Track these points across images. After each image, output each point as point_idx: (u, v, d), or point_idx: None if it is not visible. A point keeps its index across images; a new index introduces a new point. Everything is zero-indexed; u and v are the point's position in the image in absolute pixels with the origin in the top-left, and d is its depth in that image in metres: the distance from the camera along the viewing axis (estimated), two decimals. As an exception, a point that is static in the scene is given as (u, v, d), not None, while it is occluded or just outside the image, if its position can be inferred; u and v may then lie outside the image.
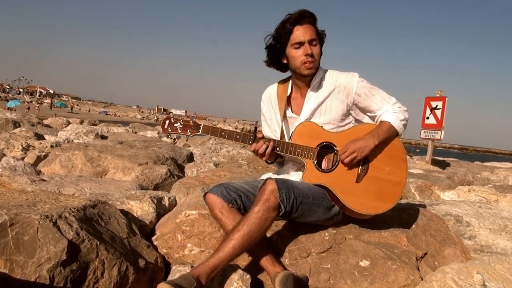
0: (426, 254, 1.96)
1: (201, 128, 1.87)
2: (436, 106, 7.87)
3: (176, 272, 1.68)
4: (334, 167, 1.88)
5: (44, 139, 6.02)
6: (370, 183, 1.88)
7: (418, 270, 1.80)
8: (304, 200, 1.77)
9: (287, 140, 1.94)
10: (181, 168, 4.33)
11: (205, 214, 2.03)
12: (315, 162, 1.87)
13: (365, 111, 2.01)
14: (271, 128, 2.11)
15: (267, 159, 1.93)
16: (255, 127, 1.91)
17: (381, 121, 1.95)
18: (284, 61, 1.98)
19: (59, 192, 2.51)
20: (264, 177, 1.93)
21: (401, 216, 2.22)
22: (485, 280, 1.58)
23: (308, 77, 1.97)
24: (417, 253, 1.92)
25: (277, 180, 1.72)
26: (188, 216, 2.05)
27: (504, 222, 2.39)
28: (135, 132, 10.15)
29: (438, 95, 8.00)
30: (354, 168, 1.88)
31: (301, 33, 1.88)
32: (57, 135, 6.77)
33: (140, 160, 3.82)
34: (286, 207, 1.69)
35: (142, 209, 2.18)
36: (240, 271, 1.67)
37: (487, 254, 2.04)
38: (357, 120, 2.04)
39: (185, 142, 7.41)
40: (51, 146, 4.89)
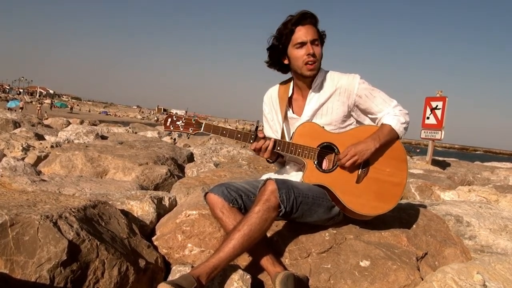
0: (427, 254, 1.96)
1: (203, 126, 1.87)
2: (436, 106, 7.87)
3: (177, 272, 1.68)
4: (335, 168, 1.88)
5: (44, 139, 6.03)
6: (371, 184, 1.88)
7: (419, 270, 1.80)
8: (304, 200, 1.77)
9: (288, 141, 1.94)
10: (181, 168, 4.32)
11: (206, 214, 2.03)
12: (316, 162, 1.87)
13: (366, 113, 2.01)
14: (273, 129, 2.11)
15: (268, 157, 1.93)
16: (257, 126, 1.91)
17: (382, 124, 1.95)
18: (286, 62, 1.98)
19: (60, 192, 2.51)
20: (265, 177, 1.93)
21: (402, 216, 2.21)
22: (486, 280, 1.58)
23: (310, 78, 1.96)
24: (418, 253, 1.92)
25: (277, 181, 1.72)
26: (189, 216, 2.05)
27: (505, 222, 2.38)
28: (135, 132, 10.15)
29: (438, 95, 7.99)
30: (355, 169, 1.89)
31: (303, 33, 1.88)
32: (57, 135, 6.77)
33: (140, 160, 3.82)
34: (286, 207, 1.69)
35: (143, 209, 2.18)
36: (241, 271, 1.66)
37: (488, 254, 2.04)
38: (358, 122, 2.04)
39: (185, 142, 7.41)
40: (51, 146, 4.89)
